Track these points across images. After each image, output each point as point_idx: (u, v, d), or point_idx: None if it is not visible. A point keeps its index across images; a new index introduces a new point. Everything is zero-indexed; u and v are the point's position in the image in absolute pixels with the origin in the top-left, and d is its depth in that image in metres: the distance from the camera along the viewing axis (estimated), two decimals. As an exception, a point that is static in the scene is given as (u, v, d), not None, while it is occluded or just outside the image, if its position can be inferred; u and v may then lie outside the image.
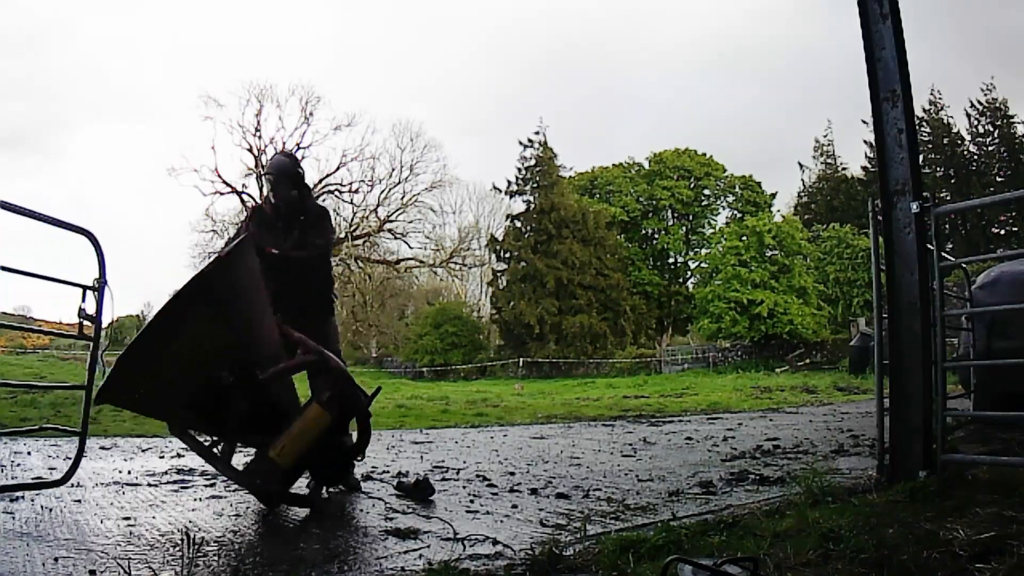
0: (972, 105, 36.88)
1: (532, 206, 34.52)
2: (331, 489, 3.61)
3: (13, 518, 2.82)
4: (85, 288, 3.07)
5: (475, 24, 64.69)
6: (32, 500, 3.22)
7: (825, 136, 42.49)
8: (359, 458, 3.57)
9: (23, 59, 49.87)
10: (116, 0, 55.21)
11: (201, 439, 3.24)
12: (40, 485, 3.32)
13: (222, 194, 35.26)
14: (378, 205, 38.19)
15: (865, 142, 38.14)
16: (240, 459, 3.39)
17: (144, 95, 52.87)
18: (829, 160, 42.23)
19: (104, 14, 55.08)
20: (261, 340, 3.29)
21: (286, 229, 3.93)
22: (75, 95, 53.45)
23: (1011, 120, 35.76)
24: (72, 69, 51.53)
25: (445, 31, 63.24)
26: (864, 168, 38.92)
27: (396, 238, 38.76)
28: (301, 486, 3.43)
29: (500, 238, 35.56)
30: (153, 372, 2.98)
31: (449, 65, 64.56)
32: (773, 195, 39.45)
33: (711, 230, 37.69)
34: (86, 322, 3.08)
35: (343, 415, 3.32)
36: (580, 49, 61.48)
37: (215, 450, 3.24)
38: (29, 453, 4.91)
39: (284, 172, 3.95)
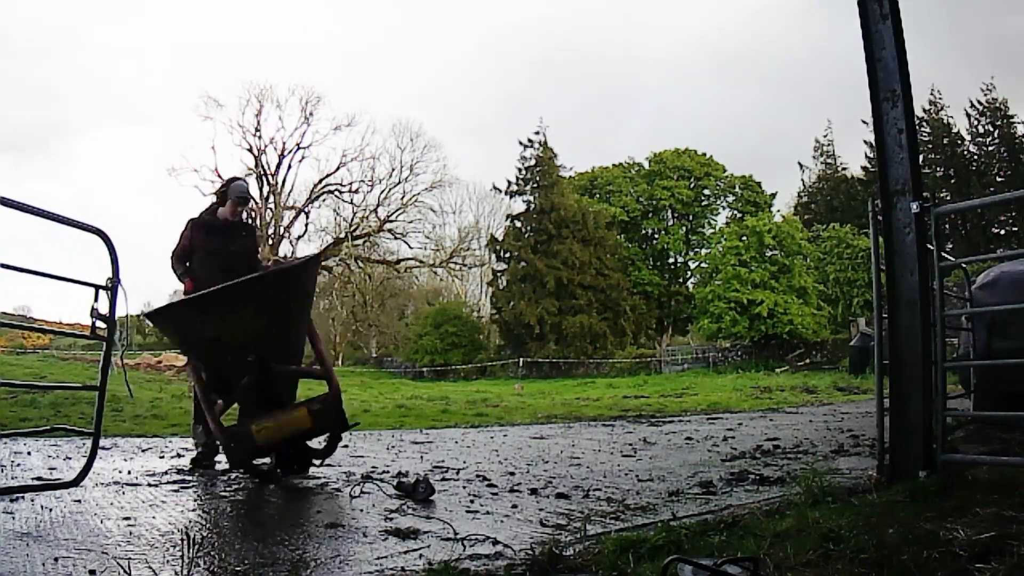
0: (972, 105, 36.95)
1: (532, 206, 34.52)
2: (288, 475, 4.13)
3: (13, 518, 2.82)
4: (98, 288, 3.02)
5: (476, 25, 64.93)
6: (32, 500, 3.21)
7: (825, 136, 42.59)
8: (319, 463, 4.27)
9: (22, 60, 49.92)
10: (118, 3, 55.24)
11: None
12: (53, 486, 3.30)
13: (222, 194, 35.23)
14: (378, 205, 38.26)
15: (865, 142, 38.22)
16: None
17: (145, 97, 53.02)
18: (829, 160, 42.28)
19: (106, 16, 55.20)
20: (295, 339, 4.17)
21: (232, 237, 4.81)
22: (77, 98, 53.67)
23: (1011, 120, 35.79)
24: (73, 70, 51.72)
25: (447, 33, 63.39)
26: (864, 168, 38.93)
27: (396, 238, 38.83)
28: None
29: (500, 238, 35.57)
30: (200, 326, 3.77)
31: (450, 66, 64.68)
32: (773, 195, 39.49)
33: (711, 230, 37.70)
34: (99, 323, 3.04)
35: (321, 427, 4.00)
36: (581, 50, 61.64)
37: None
38: (29, 453, 4.91)
39: (249, 195, 4.88)
